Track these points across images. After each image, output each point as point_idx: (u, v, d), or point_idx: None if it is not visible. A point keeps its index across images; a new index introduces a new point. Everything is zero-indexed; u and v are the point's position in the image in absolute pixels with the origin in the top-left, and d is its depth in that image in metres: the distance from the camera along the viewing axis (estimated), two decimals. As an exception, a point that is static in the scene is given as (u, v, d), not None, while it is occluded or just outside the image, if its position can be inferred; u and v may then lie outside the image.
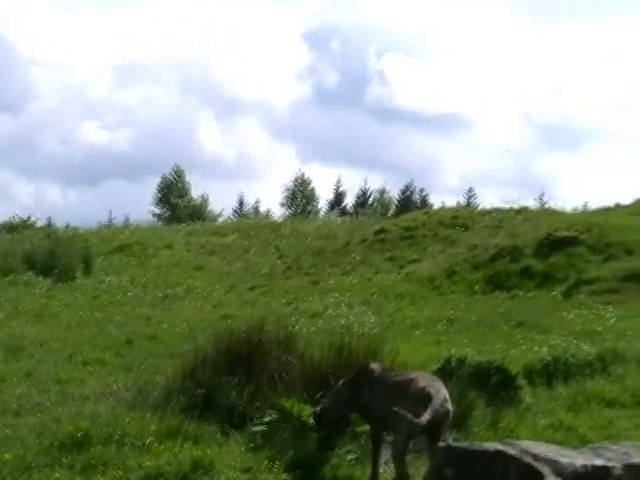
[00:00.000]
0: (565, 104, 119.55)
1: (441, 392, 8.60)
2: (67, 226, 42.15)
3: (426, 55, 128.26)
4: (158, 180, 69.42)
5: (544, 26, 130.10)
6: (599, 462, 4.16)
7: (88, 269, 29.05)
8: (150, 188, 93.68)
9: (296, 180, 71.90)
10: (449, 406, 8.60)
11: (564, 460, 4.09)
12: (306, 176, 72.68)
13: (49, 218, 48.82)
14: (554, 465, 4.03)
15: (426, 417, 8.08)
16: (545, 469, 3.98)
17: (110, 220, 57.53)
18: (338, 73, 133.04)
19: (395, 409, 7.64)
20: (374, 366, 9.63)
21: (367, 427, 9.80)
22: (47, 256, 28.61)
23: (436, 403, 8.36)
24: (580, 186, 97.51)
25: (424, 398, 8.45)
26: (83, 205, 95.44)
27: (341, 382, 9.81)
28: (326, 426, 9.64)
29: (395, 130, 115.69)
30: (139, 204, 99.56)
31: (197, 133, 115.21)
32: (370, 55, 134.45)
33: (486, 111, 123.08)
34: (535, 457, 4.02)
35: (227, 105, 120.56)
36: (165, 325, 19.06)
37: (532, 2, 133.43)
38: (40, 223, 44.06)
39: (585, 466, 4.11)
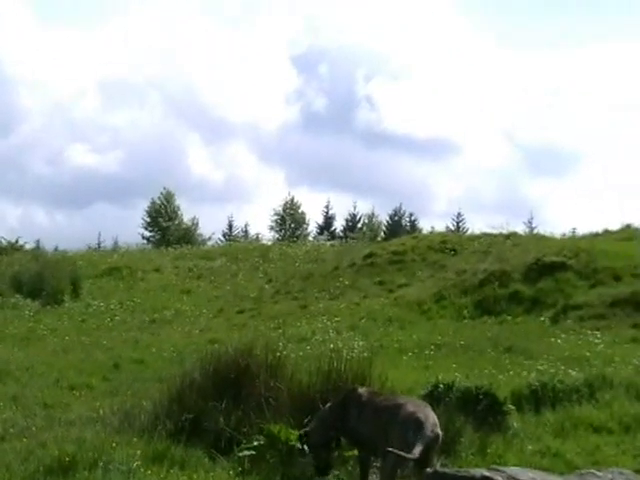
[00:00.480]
0: (551, 129, 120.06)
1: (430, 418, 8.58)
2: (55, 249, 42.02)
3: (414, 79, 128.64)
4: (146, 203, 69.21)
5: (530, 51, 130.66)
6: (586, 489, 4.16)
7: (76, 292, 28.98)
8: (138, 211, 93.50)
9: (285, 204, 71.95)
10: (438, 431, 8.58)
11: (551, 487, 4.09)
12: (295, 200, 72.76)
13: (37, 241, 48.50)
14: (541, 491, 4.03)
15: (417, 450, 8.06)
16: (532, 495, 3.97)
17: (99, 243, 57.40)
18: (326, 97, 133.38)
19: (389, 449, 7.59)
20: (362, 390, 9.62)
21: (355, 451, 9.78)
22: (35, 279, 28.53)
23: (426, 431, 8.34)
24: (568, 211, 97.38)
25: (413, 424, 8.44)
26: (70, 228, 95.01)
27: (328, 405, 9.79)
28: (312, 449, 9.62)
29: (383, 154, 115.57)
30: (127, 227, 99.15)
31: (185, 156, 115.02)
32: (358, 79, 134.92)
33: (474, 135, 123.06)
34: (522, 483, 4.01)
35: (215, 128, 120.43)
36: (152, 349, 19.01)
37: (520, 29, 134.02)
38: (28, 246, 43.87)
39: (572, 493, 4.10)
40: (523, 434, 11.61)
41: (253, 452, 10.24)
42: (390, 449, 7.57)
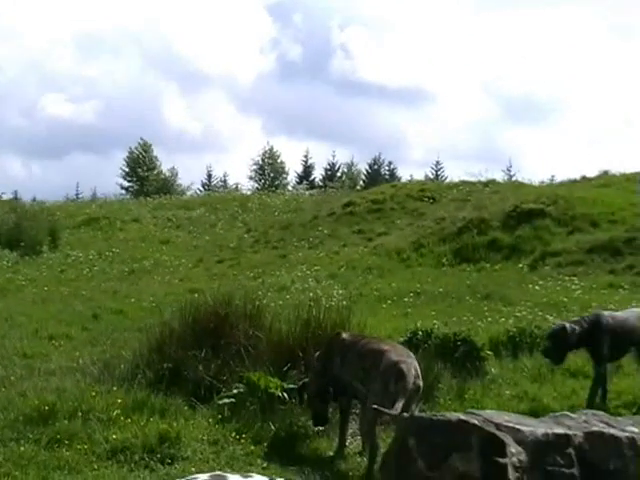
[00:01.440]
0: (528, 79, 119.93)
1: (412, 369, 8.59)
2: (33, 200, 41.81)
3: (389, 28, 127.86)
4: (123, 154, 68.95)
5: (507, 6, 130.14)
6: (560, 430, 4.21)
7: (54, 243, 28.85)
8: (115, 161, 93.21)
9: (264, 154, 71.73)
10: (420, 382, 8.62)
11: (525, 429, 4.14)
12: (274, 149, 72.51)
13: (15, 192, 48.35)
14: (515, 434, 4.07)
15: (399, 405, 8.10)
16: (507, 438, 4.02)
17: (77, 194, 57.17)
18: (302, 46, 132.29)
19: (374, 406, 7.61)
20: (345, 335, 9.62)
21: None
22: (13, 230, 28.37)
23: (408, 384, 8.37)
24: (546, 159, 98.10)
25: (395, 374, 8.45)
26: (47, 178, 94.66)
27: (316, 354, 9.81)
28: (309, 400, 9.64)
29: (360, 103, 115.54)
30: (104, 177, 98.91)
31: (161, 106, 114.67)
32: (333, 28, 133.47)
33: (450, 85, 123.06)
34: (497, 426, 4.06)
35: (191, 78, 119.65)
36: (132, 299, 18.99)
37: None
38: (5, 197, 43.62)
39: (546, 434, 4.15)
40: (501, 379, 11.73)
41: (233, 400, 10.29)
42: (374, 406, 7.57)
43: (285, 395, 9.92)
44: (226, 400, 10.26)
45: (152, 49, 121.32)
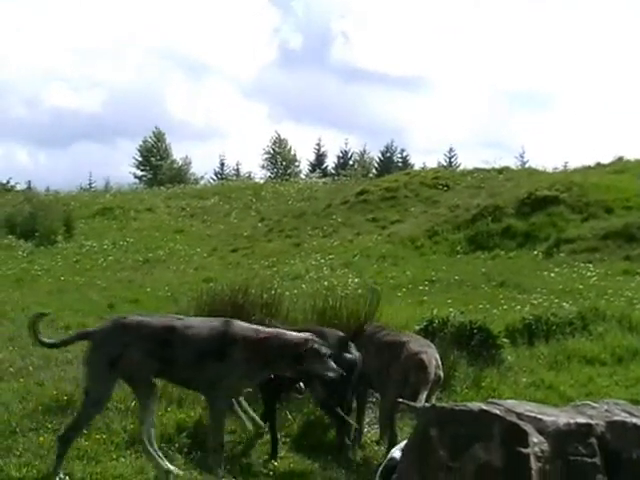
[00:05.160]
0: (537, 64, 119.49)
1: (433, 359, 8.58)
2: (47, 190, 41.92)
3: (392, 16, 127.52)
4: (128, 142, 69.22)
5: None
6: (582, 420, 4.20)
7: (69, 233, 28.92)
8: (120, 150, 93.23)
9: (274, 142, 71.67)
10: (440, 372, 8.61)
11: (547, 418, 4.13)
12: (283, 137, 72.44)
13: (29, 182, 48.50)
14: (537, 423, 4.07)
15: (423, 397, 8.08)
16: (529, 427, 4.01)
17: (90, 183, 57.28)
18: (303, 34, 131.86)
19: (399, 400, 7.58)
20: (366, 326, 9.58)
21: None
22: (28, 220, 28.46)
23: (429, 375, 8.35)
24: (560, 146, 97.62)
25: (416, 365, 8.43)
26: (54, 167, 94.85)
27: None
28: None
29: (365, 91, 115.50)
30: (110, 166, 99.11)
31: (165, 95, 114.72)
32: (334, 16, 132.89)
33: (453, 73, 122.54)
34: (519, 416, 4.06)
35: (193, 67, 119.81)
36: (147, 289, 19.03)
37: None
38: (19, 187, 43.78)
39: (568, 424, 4.15)
40: (517, 367, 11.72)
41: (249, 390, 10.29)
42: (400, 400, 7.54)
43: (302, 384, 9.92)
44: (243, 389, 10.27)
45: (153, 38, 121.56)
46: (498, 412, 4.04)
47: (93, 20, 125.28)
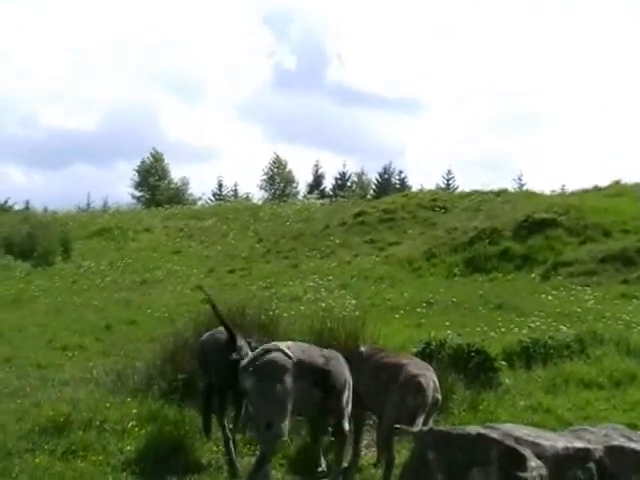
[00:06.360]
0: (533, 86, 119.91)
1: (431, 382, 8.56)
2: (45, 210, 41.92)
3: (383, 38, 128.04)
4: (125, 164, 69.36)
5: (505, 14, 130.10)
6: (580, 444, 4.19)
7: (67, 253, 28.94)
8: (118, 172, 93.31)
9: (273, 163, 71.80)
10: (438, 396, 8.58)
11: (545, 443, 4.12)
12: (282, 158, 72.56)
13: (27, 202, 48.50)
14: (535, 448, 4.06)
15: (420, 421, 8.04)
16: (527, 452, 4.01)
17: (88, 203, 57.31)
18: (298, 56, 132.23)
19: (397, 426, 7.58)
20: (363, 348, 9.56)
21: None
22: (26, 240, 28.46)
23: (427, 398, 8.34)
24: (556, 169, 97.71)
25: (414, 388, 8.41)
26: (49, 188, 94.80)
27: None
28: None
29: (359, 112, 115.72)
30: (106, 187, 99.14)
31: (161, 117, 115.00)
32: (330, 37, 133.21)
33: (449, 94, 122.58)
34: (517, 440, 4.05)
35: (188, 88, 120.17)
36: (144, 309, 19.03)
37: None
38: (17, 207, 43.77)
39: (566, 448, 4.14)
40: (514, 390, 11.68)
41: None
42: (398, 425, 7.53)
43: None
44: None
45: (147, 57, 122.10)
46: (496, 436, 4.04)
47: (89, 38, 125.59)
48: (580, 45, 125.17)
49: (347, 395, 8.42)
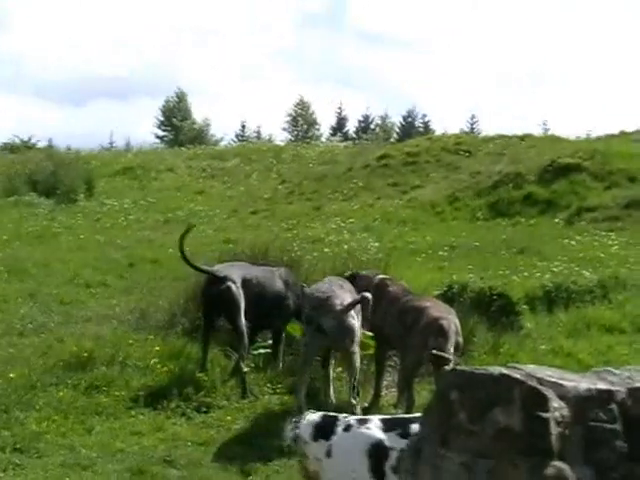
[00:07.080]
0: (558, 34, 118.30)
1: (453, 325, 8.60)
2: (69, 148, 41.88)
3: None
4: (148, 101, 69.34)
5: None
6: (603, 386, 4.18)
7: (90, 191, 28.92)
8: (141, 109, 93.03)
9: (297, 105, 71.45)
10: (460, 339, 8.64)
11: (568, 384, 4.11)
12: (305, 100, 72.18)
13: (50, 140, 48.44)
14: (558, 388, 4.05)
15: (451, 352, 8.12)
16: (549, 392, 4.00)
17: (111, 142, 57.29)
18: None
19: (431, 352, 7.56)
20: (392, 288, 9.49)
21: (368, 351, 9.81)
22: (49, 177, 28.45)
23: (449, 340, 8.38)
24: (582, 115, 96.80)
25: (436, 330, 8.45)
26: (72, 125, 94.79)
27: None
28: None
29: (385, 55, 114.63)
30: (128, 124, 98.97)
31: (183, 56, 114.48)
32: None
33: (475, 40, 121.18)
34: (539, 380, 4.04)
35: (213, 31, 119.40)
36: (167, 249, 19.05)
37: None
38: (40, 144, 43.73)
39: (589, 389, 4.12)
40: (536, 334, 11.70)
41: (268, 350, 10.36)
42: (433, 351, 7.55)
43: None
44: (261, 350, 10.33)
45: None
46: (519, 376, 4.02)
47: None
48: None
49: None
